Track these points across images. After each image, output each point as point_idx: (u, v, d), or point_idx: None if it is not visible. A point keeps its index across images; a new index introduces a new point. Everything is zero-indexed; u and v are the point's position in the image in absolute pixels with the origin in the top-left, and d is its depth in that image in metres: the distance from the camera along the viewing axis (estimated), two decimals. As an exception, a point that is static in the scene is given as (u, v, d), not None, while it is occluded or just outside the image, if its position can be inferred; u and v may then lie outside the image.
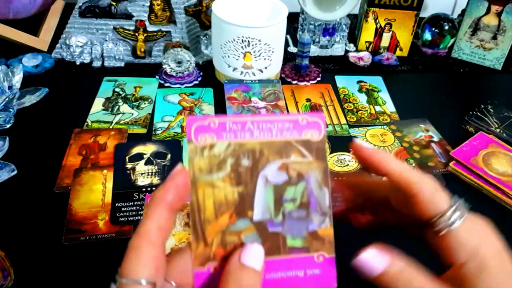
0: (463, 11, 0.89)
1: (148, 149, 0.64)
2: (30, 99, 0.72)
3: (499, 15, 0.83)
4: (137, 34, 0.81)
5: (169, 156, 0.63)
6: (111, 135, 0.66)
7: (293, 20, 0.91)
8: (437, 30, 0.88)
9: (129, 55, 0.82)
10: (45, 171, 0.60)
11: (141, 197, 0.56)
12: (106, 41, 0.81)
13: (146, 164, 0.61)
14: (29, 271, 0.48)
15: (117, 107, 0.72)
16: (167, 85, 0.78)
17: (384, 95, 0.79)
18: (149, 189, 0.58)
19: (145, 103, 0.74)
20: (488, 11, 0.84)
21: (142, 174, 0.60)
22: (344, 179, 0.31)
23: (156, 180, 0.59)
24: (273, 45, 0.72)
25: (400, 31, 0.88)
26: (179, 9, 0.80)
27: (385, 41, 0.90)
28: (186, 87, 0.78)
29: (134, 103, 0.73)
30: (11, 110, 0.69)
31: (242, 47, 0.71)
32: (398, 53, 0.91)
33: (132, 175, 0.60)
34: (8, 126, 0.67)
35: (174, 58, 0.77)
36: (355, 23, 0.95)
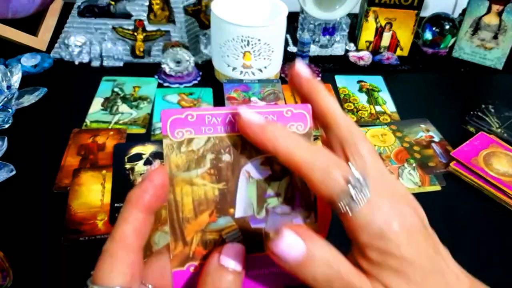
0: (464, 11, 0.89)
1: (147, 149, 0.63)
2: (28, 99, 0.72)
3: (499, 14, 0.83)
4: (136, 33, 0.81)
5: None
6: (110, 135, 0.66)
7: (293, 19, 0.91)
8: (437, 29, 0.88)
9: (128, 55, 0.82)
10: (44, 171, 0.60)
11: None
12: (105, 40, 0.81)
13: (145, 164, 0.61)
14: (28, 272, 0.48)
15: (116, 107, 0.72)
16: (166, 84, 0.77)
17: (384, 95, 0.79)
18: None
19: (144, 103, 0.73)
20: (489, 11, 0.83)
21: (141, 174, 0.59)
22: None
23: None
24: (273, 45, 0.72)
25: (400, 30, 0.88)
26: (178, 9, 0.80)
27: (386, 40, 0.89)
28: (185, 87, 0.78)
29: (133, 103, 0.73)
30: (10, 110, 0.69)
31: (241, 46, 0.71)
32: (398, 52, 0.90)
33: (131, 175, 0.59)
34: (6, 126, 0.66)
35: (173, 57, 0.76)
36: (355, 23, 0.94)
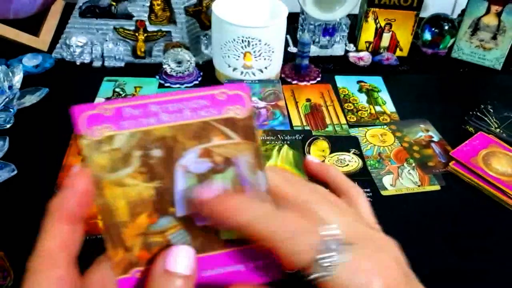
0: (463, 11, 0.89)
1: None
2: (30, 99, 0.72)
3: (499, 15, 0.83)
4: (137, 34, 0.81)
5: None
6: (111, 135, 0.66)
7: (293, 20, 0.91)
8: (437, 30, 0.88)
9: (129, 55, 0.82)
10: (45, 171, 0.60)
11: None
12: (106, 41, 0.81)
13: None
14: (29, 271, 0.48)
15: (117, 107, 0.72)
16: (167, 85, 0.78)
17: (384, 95, 0.79)
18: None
19: (145, 103, 0.74)
20: (488, 11, 0.84)
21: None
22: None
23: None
24: (273, 45, 0.72)
25: (400, 31, 0.88)
26: (179, 9, 0.80)
27: (385, 41, 0.90)
28: (186, 87, 0.78)
29: (134, 103, 0.73)
30: (11, 110, 0.69)
31: (242, 47, 0.71)
32: (398, 53, 0.91)
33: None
34: (8, 126, 0.67)
35: (174, 58, 0.77)
36: (355, 23, 0.95)
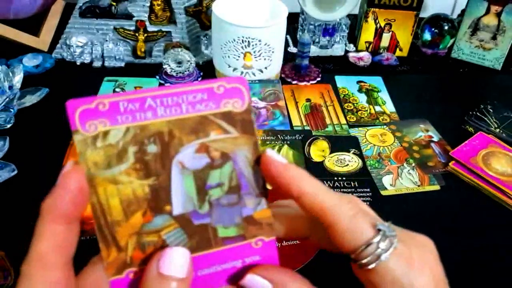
0: (463, 11, 0.89)
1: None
2: (30, 99, 0.72)
3: (498, 15, 0.83)
4: (137, 34, 0.81)
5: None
6: (112, 135, 0.66)
7: (293, 20, 0.91)
8: (436, 30, 0.88)
9: (129, 55, 0.83)
10: (45, 171, 0.60)
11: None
12: (106, 41, 0.81)
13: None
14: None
15: (118, 107, 0.73)
16: (167, 85, 0.78)
17: (384, 95, 0.79)
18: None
19: (145, 103, 0.74)
20: (487, 11, 0.84)
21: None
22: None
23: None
24: (273, 45, 0.72)
25: (399, 31, 0.88)
26: (179, 9, 0.81)
27: (385, 41, 0.90)
28: (186, 87, 0.78)
29: (134, 103, 0.73)
30: (12, 110, 0.69)
31: (242, 47, 0.71)
32: (398, 53, 0.91)
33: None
34: (8, 126, 0.67)
35: (174, 58, 0.77)
36: (355, 23, 0.95)
